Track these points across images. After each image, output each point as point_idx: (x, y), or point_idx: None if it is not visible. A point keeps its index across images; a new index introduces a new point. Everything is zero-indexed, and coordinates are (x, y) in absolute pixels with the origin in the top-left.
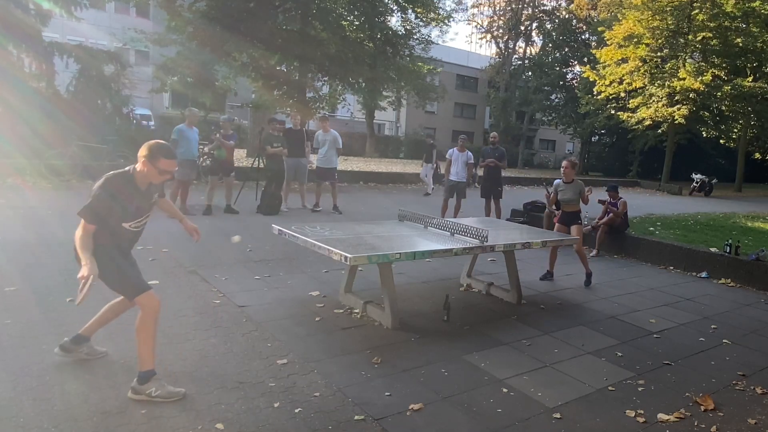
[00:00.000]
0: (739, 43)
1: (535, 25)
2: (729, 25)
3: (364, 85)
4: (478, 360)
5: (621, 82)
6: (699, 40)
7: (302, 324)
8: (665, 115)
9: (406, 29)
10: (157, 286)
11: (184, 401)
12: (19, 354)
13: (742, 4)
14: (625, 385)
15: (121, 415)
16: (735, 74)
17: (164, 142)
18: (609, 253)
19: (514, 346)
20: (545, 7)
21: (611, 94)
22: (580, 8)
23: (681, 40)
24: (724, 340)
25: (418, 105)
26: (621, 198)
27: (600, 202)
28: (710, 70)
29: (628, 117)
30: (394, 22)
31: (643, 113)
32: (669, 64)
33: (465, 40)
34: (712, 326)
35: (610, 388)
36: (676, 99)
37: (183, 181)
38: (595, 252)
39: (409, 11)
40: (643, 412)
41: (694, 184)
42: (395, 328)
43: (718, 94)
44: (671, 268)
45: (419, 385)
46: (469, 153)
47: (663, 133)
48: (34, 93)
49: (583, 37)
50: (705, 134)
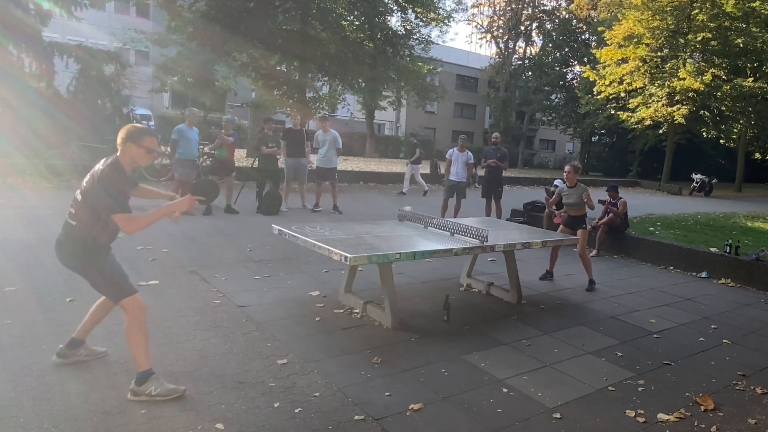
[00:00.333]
0: (739, 43)
1: (535, 25)
2: (729, 25)
3: (364, 85)
4: (478, 360)
5: (621, 82)
6: (699, 40)
7: (302, 324)
8: (665, 114)
9: (406, 29)
10: (157, 286)
11: (184, 401)
12: (19, 354)
13: (742, 4)
14: (625, 385)
15: (121, 415)
16: (735, 74)
17: (137, 124)
18: (609, 253)
19: (514, 346)
20: (545, 7)
21: (611, 94)
22: (580, 8)
23: (681, 40)
24: (724, 340)
25: (418, 105)
26: (621, 198)
27: (600, 202)
28: (710, 70)
29: (628, 117)
30: (394, 22)
31: (642, 113)
32: (669, 64)
33: (465, 40)
34: (712, 326)
35: (610, 388)
36: (676, 99)
37: (183, 181)
38: (595, 252)
39: (409, 11)
40: (643, 412)
41: (694, 184)
42: (395, 328)
43: (718, 94)
44: (671, 268)
45: (419, 385)
46: (469, 153)
47: (663, 133)
48: (34, 93)
49: (583, 37)
50: (705, 134)
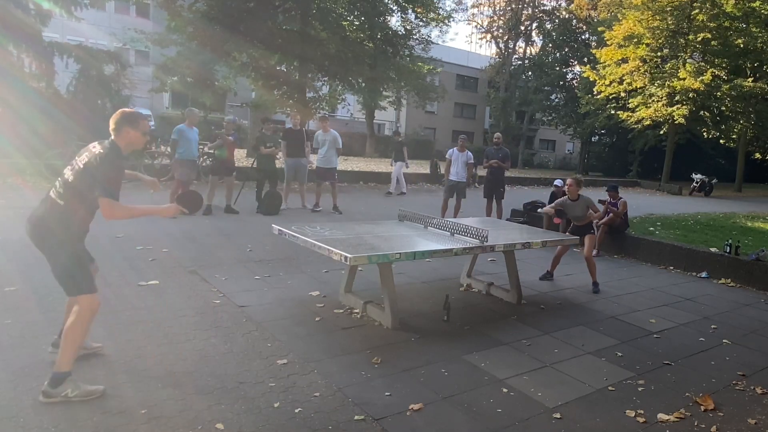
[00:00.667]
0: (739, 43)
1: (535, 25)
2: (729, 25)
3: (364, 85)
4: (478, 360)
5: (621, 82)
6: (699, 40)
7: (302, 324)
8: (665, 114)
9: (406, 29)
10: (157, 286)
11: (184, 401)
12: (19, 354)
13: (742, 4)
14: (625, 385)
15: (121, 415)
16: (735, 74)
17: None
18: (609, 253)
19: (514, 346)
20: (545, 7)
21: (611, 94)
22: (580, 8)
23: (681, 40)
24: (724, 340)
25: (418, 105)
26: (621, 198)
27: (600, 202)
28: (710, 70)
29: (628, 116)
30: (394, 22)
31: (642, 113)
32: (669, 64)
33: (465, 40)
34: (712, 326)
35: (610, 388)
36: (676, 99)
37: (183, 181)
38: (595, 252)
39: (409, 11)
40: (643, 412)
41: (694, 184)
42: (395, 328)
43: (718, 94)
44: (671, 268)
45: (419, 385)
46: (469, 153)
47: (663, 133)
48: (34, 93)
49: (583, 37)
50: (705, 134)
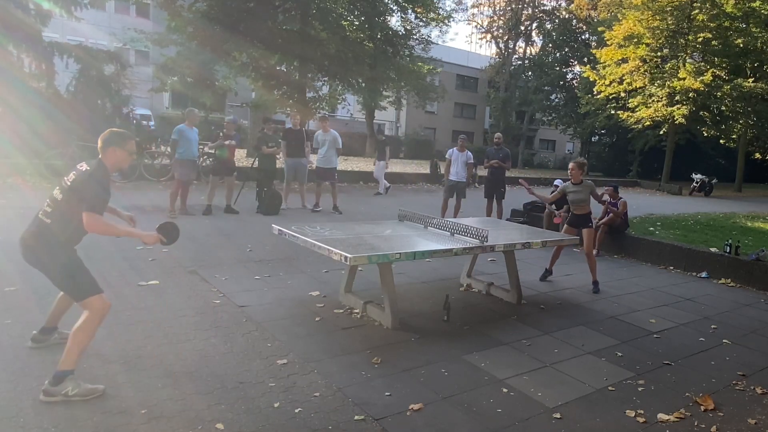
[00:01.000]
0: (739, 44)
1: (535, 25)
2: (729, 25)
3: (364, 85)
4: (478, 360)
5: (621, 82)
6: (699, 40)
7: (302, 324)
8: (665, 114)
9: (406, 29)
10: (157, 286)
11: (184, 401)
12: (19, 354)
13: (742, 4)
14: (625, 385)
15: (121, 415)
16: (735, 74)
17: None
18: (609, 253)
19: (514, 346)
20: (545, 7)
21: (611, 94)
22: (580, 8)
23: (681, 40)
24: (724, 340)
25: (418, 105)
26: (621, 198)
27: (600, 202)
28: (710, 70)
29: (628, 116)
30: (394, 22)
31: (642, 113)
32: (669, 64)
33: (465, 40)
34: (712, 326)
35: (610, 388)
36: (676, 99)
37: (183, 181)
38: (595, 252)
39: (409, 11)
40: (643, 412)
41: (694, 184)
42: (395, 328)
43: (718, 94)
44: (671, 268)
45: (419, 385)
46: (469, 153)
47: (663, 133)
48: (34, 93)
49: (583, 37)
50: (705, 134)
